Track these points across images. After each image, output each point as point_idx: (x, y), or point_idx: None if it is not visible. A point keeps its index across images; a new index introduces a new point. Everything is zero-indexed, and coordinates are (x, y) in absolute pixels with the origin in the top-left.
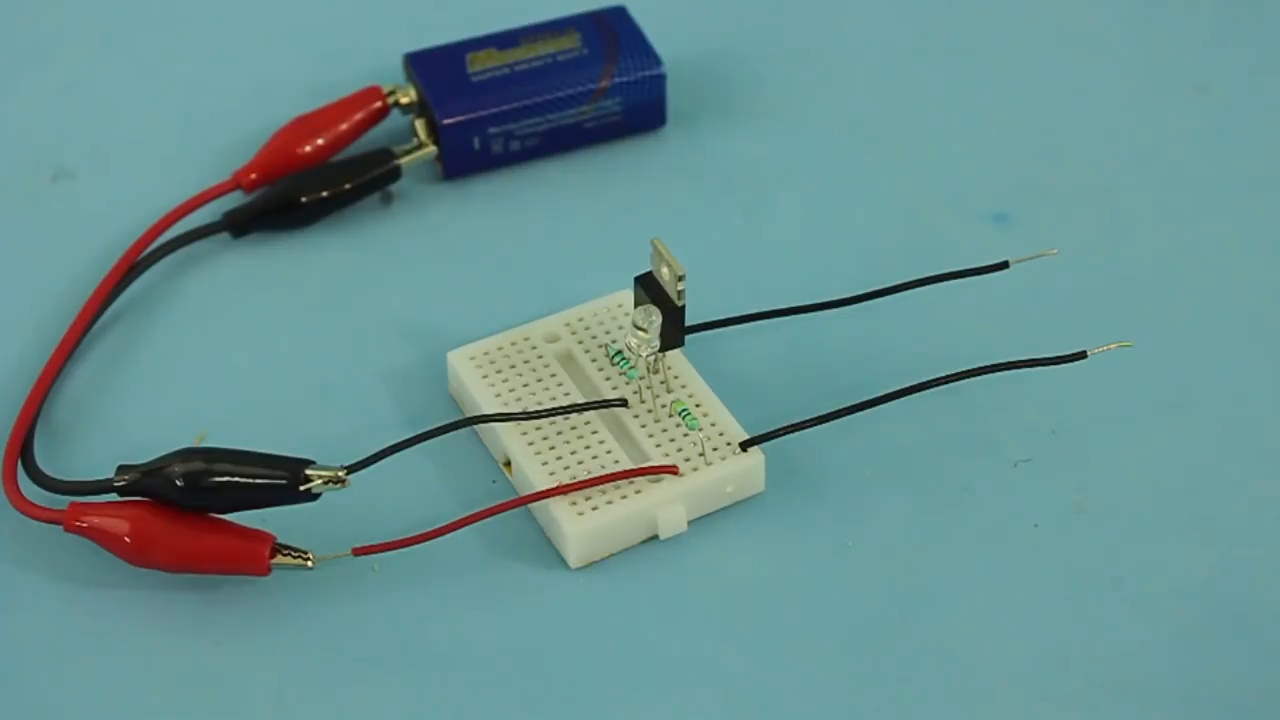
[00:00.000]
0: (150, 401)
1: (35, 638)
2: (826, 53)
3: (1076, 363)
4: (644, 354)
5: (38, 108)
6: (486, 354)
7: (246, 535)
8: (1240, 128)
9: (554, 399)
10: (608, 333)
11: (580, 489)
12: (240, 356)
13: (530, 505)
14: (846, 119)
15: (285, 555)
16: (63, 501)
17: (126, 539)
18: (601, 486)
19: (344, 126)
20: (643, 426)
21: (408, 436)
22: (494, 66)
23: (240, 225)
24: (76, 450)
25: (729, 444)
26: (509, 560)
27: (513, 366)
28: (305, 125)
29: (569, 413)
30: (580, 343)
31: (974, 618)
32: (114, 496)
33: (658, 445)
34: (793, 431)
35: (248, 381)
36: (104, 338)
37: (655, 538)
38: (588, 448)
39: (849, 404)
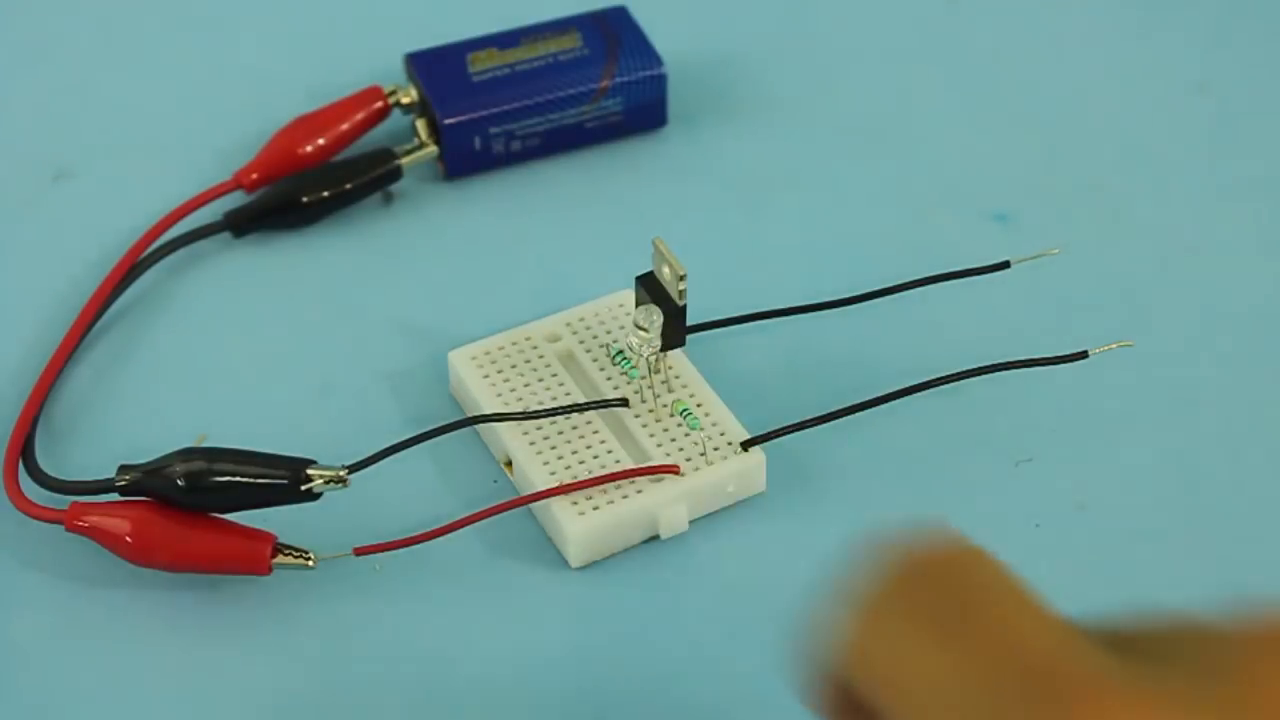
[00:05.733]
0: (150, 401)
1: (36, 637)
2: (826, 53)
3: (1077, 363)
4: (645, 354)
5: (38, 108)
6: (487, 353)
7: (248, 535)
8: (1241, 128)
9: (555, 399)
10: (609, 332)
11: (581, 488)
12: (240, 356)
13: (531, 505)
14: (847, 119)
15: (286, 555)
16: (64, 501)
17: (128, 538)
18: (602, 486)
19: (345, 126)
20: (644, 426)
21: (408, 436)
22: (495, 66)
23: (241, 225)
24: (77, 450)
25: (730, 444)
26: (509, 560)
27: (514, 366)
28: (306, 125)
29: (570, 412)
30: (581, 342)
31: None
32: (115, 496)
33: (659, 445)
34: (793, 431)
35: (248, 381)
36: (104, 338)
37: (656, 537)
38: (589, 447)
39: (849, 404)
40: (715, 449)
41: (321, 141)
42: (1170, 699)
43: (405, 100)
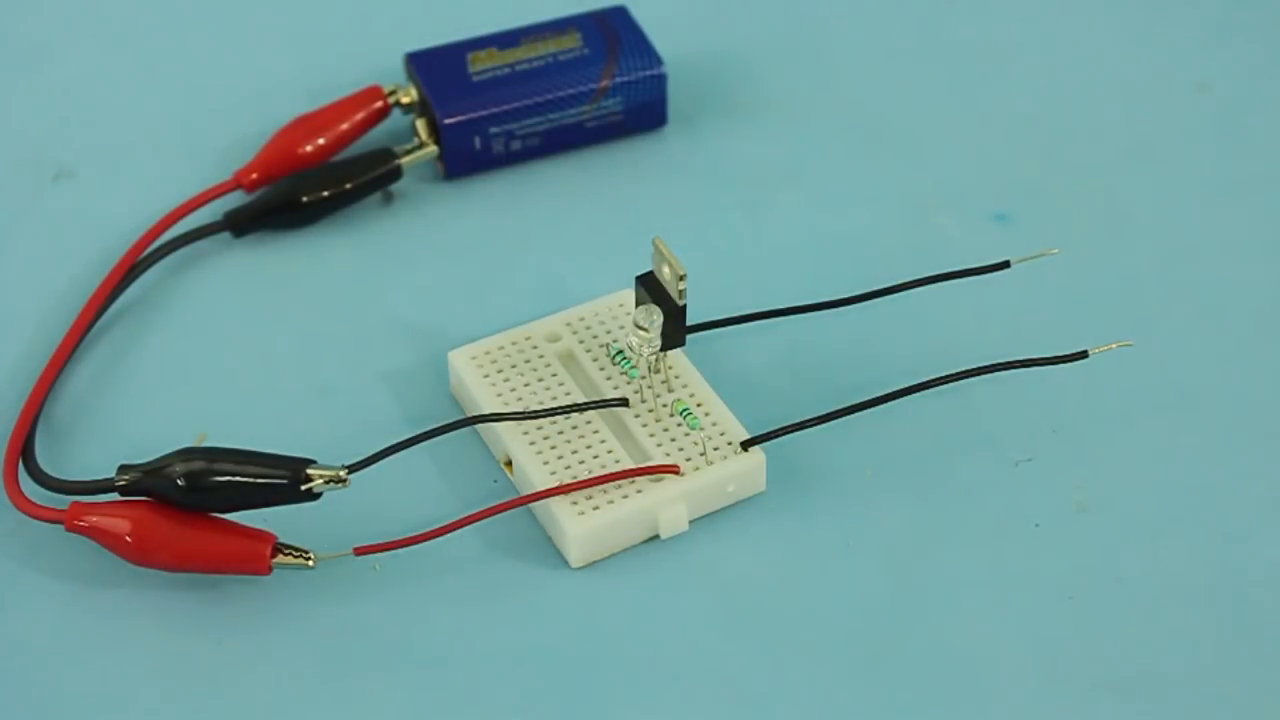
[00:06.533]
0: (150, 401)
1: (36, 637)
2: (826, 53)
3: (1077, 362)
4: (645, 353)
5: (38, 108)
6: (487, 353)
7: (248, 535)
8: (1242, 127)
9: (555, 398)
10: (609, 332)
11: (581, 488)
12: (240, 356)
13: (531, 505)
14: (847, 119)
15: (286, 555)
16: (64, 501)
17: (128, 538)
18: (603, 486)
19: (345, 126)
20: (644, 426)
21: (408, 436)
22: (495, 66)
23: (241, 225)
24: (77, 450)
25: (730, 443)
26: (509, 560)
27: (514, 366)
28: (306, 125)
29: (570, 412)
30: (581, 342)
31: (975, 617)
32: (115, 496)
33: (659, 445)
34: (793, 431)
35: (248, 381)
36: (104, 338)
37: (656, 537)
38: (589, 447)
39: (849, 404)
40: (715, 449)
41: (321, 141)
42: None
43: (405, 100)
